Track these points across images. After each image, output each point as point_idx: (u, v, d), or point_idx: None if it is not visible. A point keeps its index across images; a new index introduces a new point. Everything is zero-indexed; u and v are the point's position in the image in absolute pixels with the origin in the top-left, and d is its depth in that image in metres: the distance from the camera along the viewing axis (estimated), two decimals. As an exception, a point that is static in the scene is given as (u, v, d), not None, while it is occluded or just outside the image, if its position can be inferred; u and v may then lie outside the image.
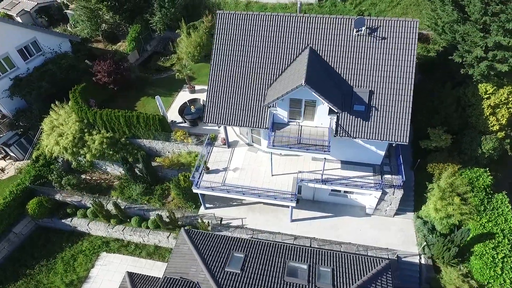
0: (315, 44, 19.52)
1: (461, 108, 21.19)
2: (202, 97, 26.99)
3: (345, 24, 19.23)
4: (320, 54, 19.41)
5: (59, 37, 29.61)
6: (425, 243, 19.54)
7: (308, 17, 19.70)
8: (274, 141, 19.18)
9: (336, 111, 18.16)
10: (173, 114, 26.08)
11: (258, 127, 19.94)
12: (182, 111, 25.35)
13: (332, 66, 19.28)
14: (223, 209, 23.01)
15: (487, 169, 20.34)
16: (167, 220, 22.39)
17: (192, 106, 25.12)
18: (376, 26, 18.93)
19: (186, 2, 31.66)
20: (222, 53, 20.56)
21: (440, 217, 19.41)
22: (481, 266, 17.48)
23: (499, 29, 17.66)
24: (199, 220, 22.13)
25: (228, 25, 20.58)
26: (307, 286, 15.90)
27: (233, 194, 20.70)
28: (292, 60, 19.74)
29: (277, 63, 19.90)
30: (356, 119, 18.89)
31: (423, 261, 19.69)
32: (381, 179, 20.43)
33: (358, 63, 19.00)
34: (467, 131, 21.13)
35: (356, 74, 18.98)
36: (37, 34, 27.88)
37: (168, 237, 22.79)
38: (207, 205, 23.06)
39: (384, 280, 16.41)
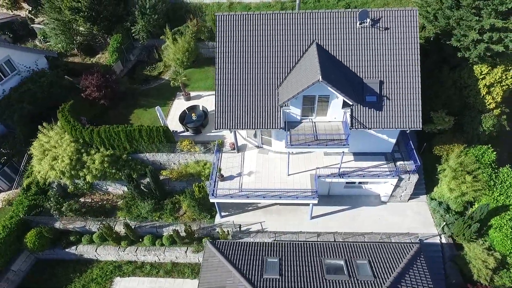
0: (320, 40, 19.51)
1: (458, 90, 22.11)
2: (198, 103, 26.22)
3: (349, 17, 19.38)
4: (327, 49, 19.44)
5: (35, 54, 27.49)
6: (444, 223, 20.22)
7: (310, 13, 19.65)
8: (292, 140, 18.95)
9: (351, 103, 18.28)
10: (172, 124, 25.04)
11: (271, 128, 19.60)
12: (183, 119, 24.41)
13: (340, 60, 19.38)
14: (239, 216, 22.45)
15: (490, 145, 21.41)
16: (184, 234, 21.46)
17: (193, 114, 24.28)
18: (378, 18, 19.26)
19: (167, 7, 30.57)
20: (226, 57, 20.04)
21: (455, 196, 20.20)
22: (502, 238, 18.36)
23: (492, 12, 18.61)
24: (218, 230, 21.47)
25: (229, 27, 20.07)
26: (349, 281, 15.85)
27: (253, 198, 20.24)
28: (299, 57, 19.61)
29: (284, 62, 19.69)
30: (369, 110, 19.14)
31: (443, 241, 20.37)
32: (395, 166, 20.89)
33: (365, 55, 19.24)
34: (466, 111, 22.14)
35: (364, 65, 19.22)
36: (10, 52, 25.68)
37: (186, 251, 21.86)
38: (222, 213, 22.39)
39: (419, 264, 16.77)
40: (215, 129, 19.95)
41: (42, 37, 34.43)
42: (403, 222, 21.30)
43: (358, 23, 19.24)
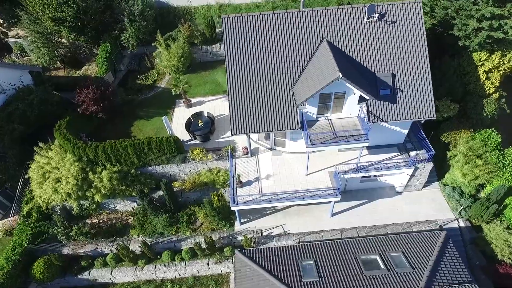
0: (329, 37, 19.48)
1: (459, 77, 22.84)
2: (201, 109, 25.49)
3: (356, 13, 19.48)
4: (337, 46, 19.43)
5: (19, 70, 25.55)
6: (461, 207, 20.81)
7: (318, 11, 19.55)
8: (312, 139, 18.78)
9: (367, 98, 18.32)
10: (177, 133, 24.04)
11: (289, 129, 19.35)
12: (189, 127, 23.59)
13: (351, 55, 19.43)
14: (258, 221, 22.05)
15: (493, 128, 22.29)
16: (205, 245, 20.74)
17: (199, 121, 23.51)
18: (384, 11, 19.48)
19: (155, 13, 29.48)
20: (236, 60, 19.57)
21: (469, 180, 20.85)
22: (519, 217, 19.16)
23: (489, 1, 19.37)
24: (240, 237, 20.97)
25: (236, 29, 19.62)
26: (388, 275, 15.90)
27: (276, 202, 19.89)
28: (310, 55, 19.47)
29: (296, 61, 19.50)
30: (384, 103, 19.34)
31: (461, 224, 20.98)
32: (409, 156, 21.26)
33: (375, 49, 19.41)
34: (468, 97, 22.90)
35: (376, 60, 19.39)
36: (-8, 69, 23.75)
37: (208, 263, 21.15)
38: (241, 220, 21.87)
39: (450, 251, 17.13)
40: (232, 135, 19.43)
41: (19, 52, 32.29)
42: (420, 210, 21.73)
43: (365, 18, 19.36)
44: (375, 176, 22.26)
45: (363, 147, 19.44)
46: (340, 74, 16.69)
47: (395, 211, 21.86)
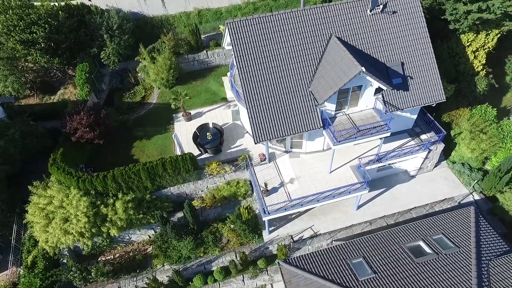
0: (337, 32, 19.45)
1: (451, 59, 24.06)
2: (203, 121, 24.32)
3: (359, 6, 19.62)
4: (346, 40, 19.45)
5: (-11, 103, 22.59)
6: (474, 181, 21.92)
7: (322, 7, 19.43)
8: (337, 136, 18.62)
9: (385, 88, 18.54)
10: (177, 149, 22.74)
11: (311, 129, 19.05)
12: (198, 142, 22.34)
13: (360, 48, 19.57)
14: (285, 227, 21.50)
15: (487, 103, 23.78)
16: (240, 261, 19.78)
17: (208, 133, 22.36)
18: (384, 2, 19.86)
19: (133, 25, 27.63)
20: (248, 66, 18.85)
21: (476, 155, 22.03)
22: (528, 182, 20.57)
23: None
24: (271, 247, 20.33)
25: (243, 33, 18.88)
26: (438, 258, 16.19)
27: (307, 205, 19.46)
28: (321, 52, 19.31)
29: (308, 60, 19.23)
30: (398, 91, 19.75)
31: (476, 197, 22.10)
32: (421, 140, 21.96)
33: (381, 40, 19.73)
34: (461, 77, 24.21)
35: (384, 50, 19.72)
36: (-40, 107, 20.69)
37: (243, 279, 20.18)
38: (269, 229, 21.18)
39: (482, 224, 17.89)
40: (256, 143, 18.69)
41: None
42: (436, 190, 22.54)
43: (368, 11, 19.60)
44: (389, 164, 22.69)
45: (383, 137, 19.65)
46: (363, 68, 16.68)
47: (414, 194, 22.47)
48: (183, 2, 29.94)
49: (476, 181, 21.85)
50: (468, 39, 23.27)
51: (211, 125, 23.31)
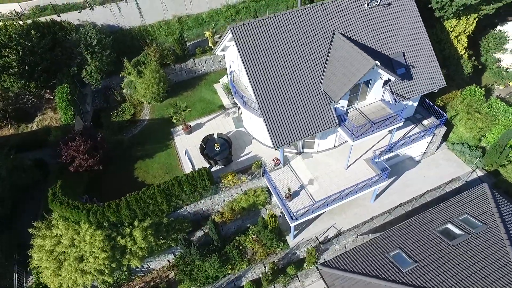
0: (339, 28, 19.45)
1: (437, 45, 25.11)
2: (202, 133, 23.28)
3: (356, 1, 19.76)
4: (349, 35, 19.50)
5: (-36, 141, 19.88)
6: (476, 159, 23.02)
7: (321, 5, 19.31)
8: (355, 132, 18.61)
9: (394, 79, 18.84)
10: (189, 165, 21.61)
11: (328, 128, 18.89)
12: (206, 155, 21.29)
13: (363, 42, 19.72)
14: (307, 229, 21.21)
15: (474, 84, 25.13)
16: (270, 272, 19.12)
17: (216, 144, 21.39)
18: (379, -5, 20.19)
19: (112, 39, 25.79)
20: (257, 70, 18.29)
21: (474, 134, 23.18)
22: (525, 153, 21.97)
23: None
24: (298, 253, 19.96)
25: (248, 37, 18.27)
26: (470, 238, 16.68)
27: (333, 204, 19.26)
28: (327, 50, 19.20)
29: (315, 58, 19.05)
30: (402, 81, 20.17)
31: (479, 174, 23.24)
32: (424, 125, 22.67)
33: (382, 33, 20.05)
34: (448, 62, 25.36)
35: (385, 42, 20.06)
36: None
37: (275, 290, 19.58)
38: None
39: (498, 198, 18.76)
40: (275, 149, 18.16)
41: None
42: (442, 172, 23.40)
43: (366, 5, 19.80)
44: (397, 152, 23.16)
45: (397, 127, 19.96)
46: (377, 62, 16.77)
47: (423, 178, 23.15)
48: (161, 10, 28.53)
49: (478, 158, 22.96)
50: (451, 25, 24.43)
51: (216, 136, 22.33)
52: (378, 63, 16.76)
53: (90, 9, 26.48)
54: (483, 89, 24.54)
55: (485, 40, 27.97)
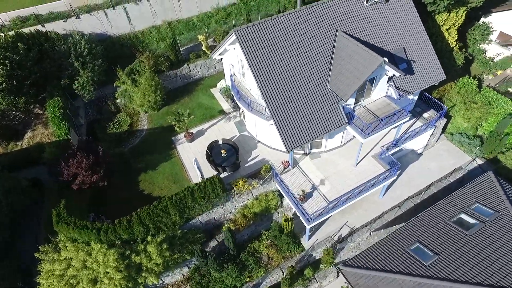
0: (341, 27, 19.44)
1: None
2: (205, 140, 22.77)
3: (356, -1, 19.85)
4: (350, 33, 19.53)
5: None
6: (475, 148, 23.63)
7: (322, 4, 19.23)
8: (365, 130, 18.63)
9: (398, 75, 18.97)
10: (197, 173, 21.02)
11: (338, 127, 18.83)
12: (213, 161, 20.76)
13: (364, 39, 19.80)
14: (320, 230, 21.10)
15: (467, 75, 25.83)
16: (289, 276, 18.84)
17: (222, 151, 20.90)
18: (376, -8, 20.35)
19: (103, 48, 24.78)
20: (264, 73, 17.99)
21: (472, 124, 23.80)
22: (522, 139, 22.74)
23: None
24: (314, 254, 19.80)
25: (253, 40, 17.92)
26: (485, 226, 17.01)
27: (347, 203, 19.20)
28: (331, 49, 19.14)
29: (320, 58, 18.95)
30: (405, 76, 20.36)
31: (480, 162, 23.86)
32: (425, 118, 23.05)
33: (382, 29, 20.21)
34: (441, 55, 25.88)
35: (386, 38, 20.22)
36: None
37: (294, 294, 19.30)
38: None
39: (504, 184, 19.29)
40: (288, 151, 17.92)
41: None
42: (444, 162, 23.89)
43: (365, 2, 19.90)
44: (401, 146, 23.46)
45: (403, 122, 20.16)
46: (385, 58, 16.84)
47: (427, 170, 23.54)
48: (150, 16, 27.72)
49: (477, 147, 23.58)
50: (442, 19, 25.01)
51: (221, 142, 21.83)
52: (386, 60, 16.82)
53: (76, 18, 25.39)
54: (476, 79, 25.25)
55: (471, 32, 28.85)
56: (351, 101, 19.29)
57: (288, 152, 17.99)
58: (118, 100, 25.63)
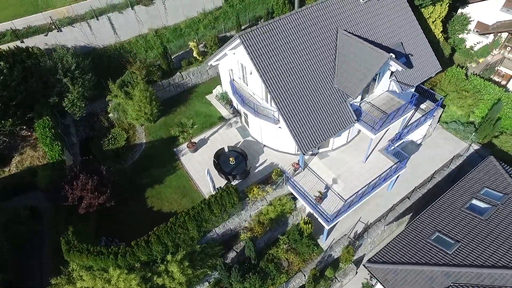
0: (340, 25, 19.55)
1: (417, 33, 26.34)
2: (209, 149, 22.22)
3: (353, -3, 19.99)
4: (350, 31, 19.65)
5: None
6: (471, 134, 24.51)
7: (321, 3, 19.23)
8: (375, 126, 18.78)
9: (401, 69, 19.34)
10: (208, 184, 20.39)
11: (349, 125, 18.89)
12: (221, 170, 20.18)
13: (364, 36, 19.98)
14: (336, 230, 21.10)
15: (454, 65, 26.79)
16: (312, 280, 18.64)
17: (230, 159, 20.38)
18: (370, -11, 20.63)
19: (91, 61, 23.51)
20: (272, 77, 17.75)
21: (466, 111, 24.69)
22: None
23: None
24: (333, 254, 19.73)
25: (259, 44, 17.61)
26: (498, 209, 17.59)
27: (364, 198, 19.27)
28: (334, 48, 19.16)
29: (324, 57, 19.01)
30: (406, 70, 20.75)
31: (476, 147, 24.77)
32: (423, 109, 23.64)
33: (379, 25, 20.54)
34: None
35: (384, 34, 20.59)
36: None
37: (318, 297, 19.11)
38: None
39: (506, 167, 20.10)
40: (304, 154, 17.71)
41: None
42: (443, 150, 24.57)
43: (361, 0, 20.10)
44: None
45: (411, 115, 20.50)
46: (392, 54, 17.05)
47: (428, 160, 24.12)
48: (136, 25, 26.68)
49: (472, 133, 24.48)
50: (428, 12, 25.79)
51: (227, 149, 21.28)
52: (393, 55, 17.02)
53: (57, 31, 23.98)
54: (464, 68, 26.23)
55: (452, 23, 29.97)
56: (358, 98, 19.38)
57: (304, 154, 17.77)
58: (110, 115, 24.40)
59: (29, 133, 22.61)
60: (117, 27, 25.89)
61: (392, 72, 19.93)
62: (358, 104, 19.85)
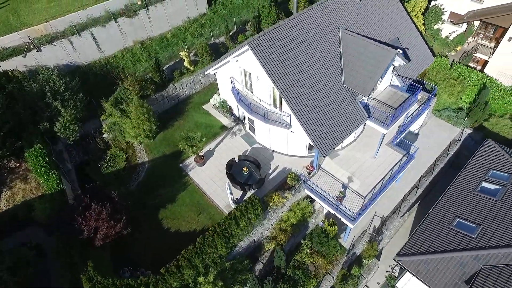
0: (341, 24, 19.66)
1: (401, 26, 27.21)
2: (217, 161, 21.60)
3: (350, -3, 20.19)
4: (351, 30, 19.83)
5: None
6: (463, 120, 25.67)
7: (321, 4, 19.25)
8: (387, 121, 19.05)
9: (403, 64, 19.79)
10: (222, 196, 19.71)
11: (362, 122, 19.03)
12: (237, 181, 19.58)
13: (363, 34, 20.24)
14: (355, 227, 20.92)
15: (438, 54, 27.96)
16: (341, 281, 18.59)
17: (244, 169, 19.81)
18: (363, -13, 20.97)
19: (80, 80, 21.95)
20: (284, 82, 17.42)
21: (456, 98, 25.84)
22: (499, 105, 25.13)
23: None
24: (356, 251, 19.77)
25: (268, 49, 17.24)
26: (508, 188, 18.48)
27: (381, 193, 19.47)
28: (338, 47, 19.23)
29: (331, 57, 19.01)
30: (404, 64, 21.27)
31: (468, 132, 25.97)
32: (419, 100, 24.37)
33: (375, 22, 20.96)
34: (414, 39, 27.67)
35: (381, 31, 21.06)
36: None
37: (349, 297, 19.09)
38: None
39: (505, 147, 21.21)
40: (324, 156, 17.55)
41: None
42: (439, 138, 25.52)
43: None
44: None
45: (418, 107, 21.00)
46: (399, 50, 17.37)
47: (427, 148, 24.92)
48: (120, 38, 25.34)
49: (465, 118, 25.65)
50: (411, 6, 26.72)
51: (237, 159, 20.68)
52: (400, 51, 17.34)
53: (37, 51, 22.16)
54: (447, 58, 27.45)
55: (428, 15, 31.32)
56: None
57: (324, 156, 17.62)
58: (105, 135, 22.92)
59: (18, 164, 20.62)
60: (101, 42, 24.42)
61: (394, 67, 20.34)
62: (366, 101, 20.04)
